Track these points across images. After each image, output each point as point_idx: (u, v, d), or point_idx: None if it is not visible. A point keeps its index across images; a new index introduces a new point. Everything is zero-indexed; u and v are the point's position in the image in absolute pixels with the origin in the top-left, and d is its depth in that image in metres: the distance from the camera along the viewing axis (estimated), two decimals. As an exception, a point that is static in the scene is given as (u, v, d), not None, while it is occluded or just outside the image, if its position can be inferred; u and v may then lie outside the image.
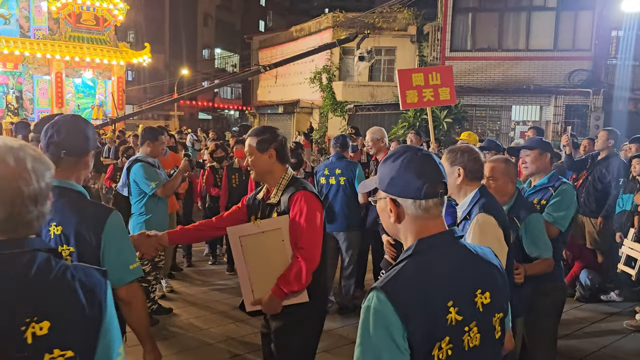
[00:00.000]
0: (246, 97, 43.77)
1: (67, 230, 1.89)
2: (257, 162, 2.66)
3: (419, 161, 1.46)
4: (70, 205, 1.94)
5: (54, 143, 1.96)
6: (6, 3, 18.80)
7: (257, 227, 2.63)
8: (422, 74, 5.46)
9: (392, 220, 1.50)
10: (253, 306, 2.65)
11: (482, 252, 1.54)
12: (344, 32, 21.06)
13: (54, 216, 1.84)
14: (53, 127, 1.98)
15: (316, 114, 24.31)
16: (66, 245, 1.89)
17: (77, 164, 2.02)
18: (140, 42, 30.44)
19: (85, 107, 20.18)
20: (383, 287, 1.35)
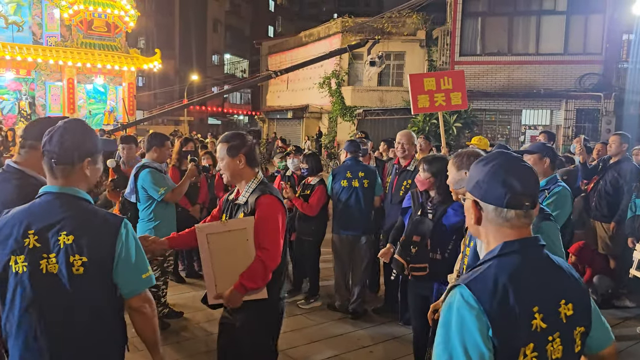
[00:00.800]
0: (255, 102, 43.98)
1: (78, 239, 1.81)
2: (228, 166, 2.81)
3: (508, 169, 1.45)
4: (80, 213, 1.87)
5: (46, 151, 1.88)
6: (19, 10, 19.06)
7: (224, 226, 2.80)
8: (434, 78, 5.46)
9: (472, 221, 1.51)
10: (215, 300, 2.80)
11: (565, 265, 1.52)
12: (353, 37, 21.10)
13: (64, 225, 1.81)
14: (48, 134, 1.90)
15: (325, 118, 24.34)
16: (78, 255, 1.80)
17: (72, 172, 1.89)
18: (151, 48, 30.69)
19: (96, 113, 20.38)
20: (467, 284, 1.35)
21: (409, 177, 4.88)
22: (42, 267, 1.78)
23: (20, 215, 1.84)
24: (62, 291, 1.79)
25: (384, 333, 4.81)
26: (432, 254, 3.36)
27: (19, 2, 19.07)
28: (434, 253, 3.35)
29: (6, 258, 1.79)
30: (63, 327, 1.81)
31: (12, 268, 1.78)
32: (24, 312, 1.79)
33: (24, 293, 1.79)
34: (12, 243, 1.80)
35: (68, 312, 1.81)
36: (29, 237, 1.79)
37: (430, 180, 3.45)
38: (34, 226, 1.80)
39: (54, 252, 1.79)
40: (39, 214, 1.83)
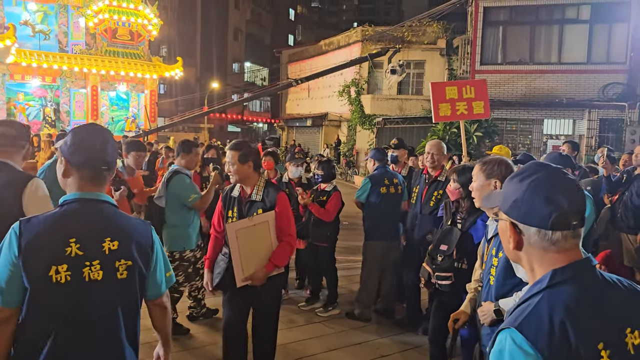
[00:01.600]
0: (275, 110, 44.25)
1: (123, 244, 1.83)
2: (238, 171, 3.39)
3: (551, 184, 1.26)
4: (119, 219, 1.88)
5: (94, 157, 1.88)
6: (46, 19, 19.53)
7: (250, 221, 3.38)
8: (456, 87, 5.43)
9: (511, 247, 1.31)
10: (243, 282, 3.36)
11: (623, 281, 1.30)
12: (373, 46, 21.16)
13: (106, 231, 1.81)
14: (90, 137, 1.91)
15: (344, 127, 24.39)
16: (123, 260, 1.83)
17: (107, 180, 1.93)
18: (173, 56, 31.13)
19: (118, 120, 20.72)
20: (519, 327, 1.16)
21: (439, 187, 4.81)
22: (85, 274, 1.75)
23: (56, 223, 1.77)
24: (105, 297, 1.80)
25: (404, 342, 4.77)
26: (457, 264, 3.33)
27: (45, 11, 19.54)
28: (460, 263, 3.32)
29: (45, 268, 1.71)
30: (103, 332, 1.81)
31: (52, 278, 1.70)
32: (61, 322, 1.74)
33: (62, 303, 1.73)
34: (51, 252, 1.72)
35: (110, 317, 1.83)
36: (70, 245, 1.74)
37: (460, 190, 3.43)
38: (75, 234, 1.76)
39: (98, 258, 1.78)
40: (78, 221, 1.80)
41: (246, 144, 3.52)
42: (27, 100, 19.13)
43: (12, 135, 2.71)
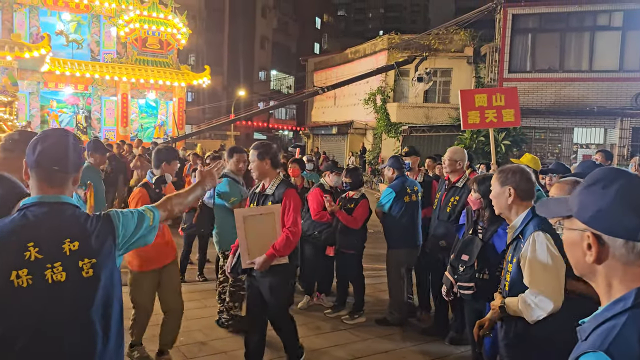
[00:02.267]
0: (300, 118, 44.48)
1: (84, 243, 1.82)
2: (257, 167, 3.86)
3: (638, 193, 1.17)
4: (78, 219, 1.87)
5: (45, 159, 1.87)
6: (79, 29, 20.08)
7: (257, 210, 3.82)
8: (486, 95, 5.40)
9: (590, 259, 1.20)
10: (248, 265, 3.77)
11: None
12: (399, 54, 21.12)
13: (65, 232, 1.81)
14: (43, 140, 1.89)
15: (370, 135, 24.35)
16: (87, 259, 1.81)
17: (66, 181, 1.90)
18: (201, 64, 31.60)
19: (147, 127, 21.10)
20: (607, 351, 1.07)
21: (457, 193, 4.84)
22: (47, 277, 1.73)
23: (14, 228, 1.76)
24: (72, 297, 1.77)
25: (430, 351, 4.72)
26: (479, 274, 3.31)
27: (79, 21, 20.09)
28: (482, 273, 3.29)
29: (6, 274, 1.69)
30: (73, 332, 1.79)
31: (13, 283, 1.69)
32: (24, 327, 1.71)
33: (24, 308, 1.71)
34: (9, 258, 1.71)
35: (81, 316, 1.80)
36: (29, 249, 1.73)
37: (480, 200, 3.42)
38: (34, 237, 1.75)
39: (59, 260, 1.76)
40: (36, 225, 1.78)
41: (266, 144, 3.93)
42: (60, 108, 19.65)
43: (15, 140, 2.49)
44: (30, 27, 18.97)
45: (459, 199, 4.77)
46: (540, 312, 2.43)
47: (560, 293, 2.44)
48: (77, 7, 19.60)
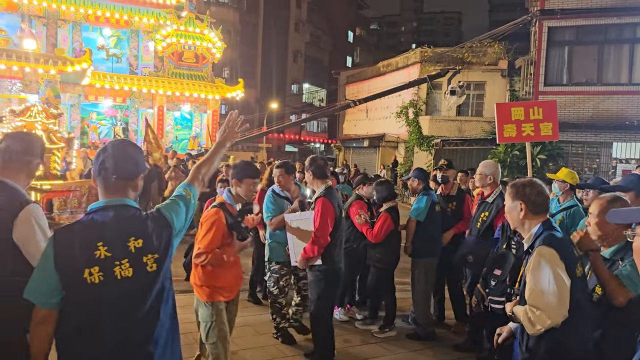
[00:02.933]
0: (332, 131, 44.59)
1: (147, 241, 2.01)
2: (307, 178, 4.47)
3: None
4: (139, 219, 2.06)
5: (105, 169, 2.05)
6: (119, 44, 20.76)
7: (298, 215, 4.52)
8: (523, 108, 5.36)
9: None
10: (294, 264, 4.42)
11: None
12: (432, 67, 21.02)
13: (130, 231, 1.99)
14: (104, 152, 2.08)
15: (401, 148, 24.23)
16: (150, 255, 2.00)
17: (127, 186, 2.09)
18: (234, 77, 32.15)
19: (182, 138, 21.53)
20: None
21: (487, 209, 4.86)
22: (116, 273, 1.93)
23: (85, 230, 1.96)
24: (139, 290, 1.96)
25: (462, 369, 4.65)
26: (510, 290, 3.27)
27: (119, 36, 20.78)
28: (514, 288, 3.25)
29: (79, 272, 1.88)
30: (141, 320, 1.96)
31: (86, 280, 1.88)
32: (99, 319, 1.90)
33: (98, 301, 1.90)
34: (82, 257, 1.90)
35: (148, 306, 1.97)
36: (99, 248, 1.92)
37: None
38: (102, 237, 1.94)
39: (126, 257, 1.95)
40: (104, 226, 1.97)
41: (312, 158, 4.52)
42: (99, 120, 20.27)
43: (16, 150, 2.50)
44: (73, 42, 19.70)
45: (489, 215, 4.78)
46: (539, 327, 2.42)
47: (560, 310, 2.41)
48: (118, 22, 20.27)
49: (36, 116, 10.84)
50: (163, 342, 2.02)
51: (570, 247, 2.61)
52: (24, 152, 2.50)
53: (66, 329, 1.91)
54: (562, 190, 4.91)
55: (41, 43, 18.15)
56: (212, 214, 3.56)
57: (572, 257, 2.53)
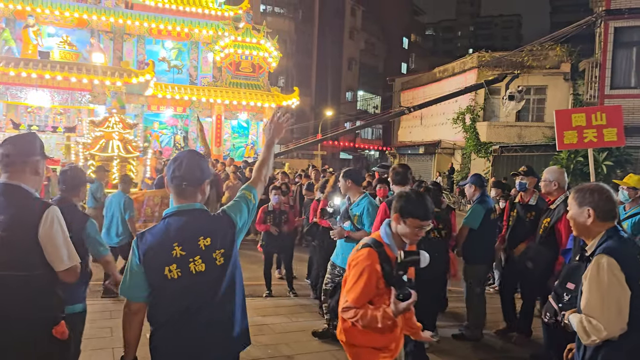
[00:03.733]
0: (386, 138, 44.36)
1: (214, 239, 2.26)
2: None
3: None
4: (207, 220, 2.31)
5: (176, 177, 2.27)
6: (180, 55, 21.57)
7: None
8: (584, 114, 5.16)
9: None
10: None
11: None
12: (490, 72, 20.53)
13: (200, 232, 2.24)
14: (175, 162, 2.31)
15: (458, 154, 23.77)
16: (218, 250, 2.25)
17: (195, 192, 2.31)
18: (290, 86, 32.61)
19: (239, 146, 22.02)
20: None
21: (549, 215, 4.75)
22: (191, 269, 2.19)
23: (162, 232, 2.23)
24: (212, 281, 2.22)
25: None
26: None
27: (180, 48, 21.59)
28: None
29: (160, 269, 2.17)
30: (216, 308, 2.23)
31: (167, 276, 2.16)
32: (181, 308, 2.18)
33: (179, 293, 2.18)
34: (162, 256, 2.18)
35: (222, 297, 2.24)
36: (175, 248, 2.19)
37: None
38: (177, 238, 2.20)
39: (198, 254, 2.21)
40: (178, 228, 2.23)
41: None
42: (161, 129, 21.08)
43: (10, 154, 2.49)
44: (138, 55, 20.63)
45: (550, 221, 4.69)
46: (593, 338, 2.33)
47: (617, 322, 2.29)
48: (179, 35, 21.07)
49: (113, 126, 11.37)
50: (240, 317, 2.33)
51: (636, 256, 2.48)
52: (18, 154, 2.50)
53: (158, 318, 2.22)
54: (631, 198, 4.67)
55: (108, 56, 19.10)
56: (363, 257, 2.60)
57: (637, 267, 2.40)
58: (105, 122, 11.36)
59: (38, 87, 16.64)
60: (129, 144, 11.56)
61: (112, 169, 11.09)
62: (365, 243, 2.70)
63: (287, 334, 5.28)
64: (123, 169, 11.45)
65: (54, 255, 2.41)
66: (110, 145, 11.33)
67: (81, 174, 3.91)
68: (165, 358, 2.23)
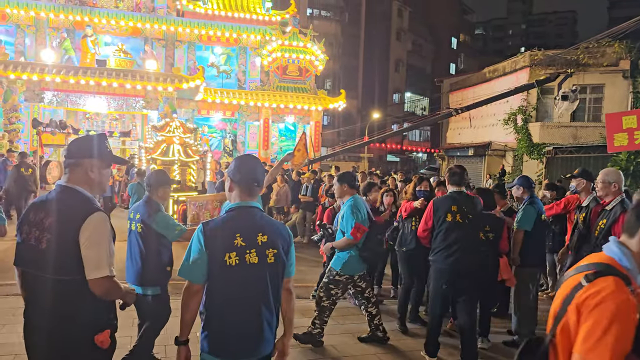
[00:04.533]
0: (435, 139, 43.73)
1: (271, 238, 2.49)
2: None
3: None
4: (267, 219, 2.57)
5: (251, 178, 2.56)
6: (228, 61, 22.05)
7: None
8: (636, 116, 5.03)
9: None
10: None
11: None
12: (543, 71, 19.88)
13: (258, 228, 2.48)
14: (245, 164, 2.60)
15: (509, 156, 23.12)
16: (271, 249, 2.48)
17: (258, 192, 2.63)
18: (336, 88, 32.69)
19: (286, 149, 22.21)
20: None
21: (605, 216, 4.62)
22: (246, 259, 2.41)
23: (226, 223, 2.47)
24: (260, 275, 2.45)
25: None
26: None
27: (228, 54, 22.07)
28: None
29: (222, 255, 2.38)
30: (260, 298, 2.46)
31: (226, 262, 2.38)
32: (233, 293, 2.41)
33: (234, 279, 2.40)
34: (224, 244, 2.40)
35: (264, 287, 2.46)
36: (237, 238, 2.41)
37: None
38: (239, 230, 2.44)
39: (254, 247, 2.43)
40: (240, 221, 2.48)
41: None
42: (211, 132, 21.58)
43: (67, 156, 2.56)
44: (188, 61, 21.22)
45: (606, 222, 4.56)
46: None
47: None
48: (228, 41, 21.53)
49: (174, 131, 11.40)
50: (278, 305, 2.58)
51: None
52: (78, 156, 2.53)
53: (213, 300, 2.43)
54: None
55: (160, 63, 19.75)
56: (611, 291, 1.65)
57: None
58: (166, 127, 11.46)
59: (96, 94, 17.39)
60: (189, 148, 11.66)
61: (172, 173, 11.25)
62: (603, 269, 1.73)
63: (333, 336, 5.27)
64: (184, 173, 11.62)
65: (85, 262, 2.35)
66: (171, 150, 11.46)
67: (163, 175, 4.41)
68: (217, 339, 2.43)
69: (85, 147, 2.57)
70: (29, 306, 2.48)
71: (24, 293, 2.50)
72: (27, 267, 2.46)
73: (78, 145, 2.58)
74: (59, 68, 16.79)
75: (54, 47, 19.20)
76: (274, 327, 2.53)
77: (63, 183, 2.52)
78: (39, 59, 17.80)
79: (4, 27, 19.59)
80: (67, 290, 2.36)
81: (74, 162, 2.52)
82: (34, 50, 19.31)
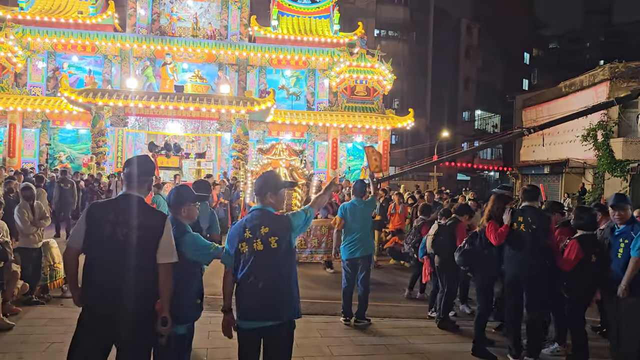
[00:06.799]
0: (507, 157, 42.32)
1: (272, 228, 3.27)
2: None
3: None
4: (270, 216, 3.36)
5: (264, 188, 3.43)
6: (298, 83, 22.61)
7: None
8: None
9: None
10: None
11: None
12: (625, 84, 18.87)
13: (262, 222, 3.29)
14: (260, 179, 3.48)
15: (589, 174, 21.98)
16: (273, 237, 3.25)
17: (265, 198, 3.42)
18: (404, 107, 32.51)
19: (354, 169, 22.35)
20: None
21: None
22: (254, 247, 3.25)
23: (242, 221, 3.38)
24: (267, 258, 3.23)
25: None
26: None
27: (297, 76, 22.64)
28: None
29: (237, 245, 3.28)
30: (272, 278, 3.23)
31: (240, 250, 3.28)
32: (248, 272, 3.22)
33: (247, 262, 3.24)
34: (239, 236, 3.30)
35: (274, 270, 3.23)
36: (246, 231, 3.29)
37: None
38: (248, 225, 3.30)
39: (259, 238, 3.24)
40: (251, 219, 3.34)
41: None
42: (281, 153, 22.06)
43: (134, 173, 3.19)
44: (259, 84, 21.99)
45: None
46: None
47: None
48: (297, 63, 22.13)
49: (280, 154, 10.88)
50: (294, 279, 3.35)
51: None
52: (146, 173, 3.26)
53: (238, 279, 3.28)
54: None
55: (233, 87, 20.61)
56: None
57: None
58: (272, 150, 10.98)
59: (174, 117, 18.35)
60: (295, 171, 10.96)
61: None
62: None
63: (402, 355, 5.22)
64: (289, 198, 10.72)
65: (167, 250, 3.11)
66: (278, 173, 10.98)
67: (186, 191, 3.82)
68: (243, 306, 3.25)
69: (151, 167, 3.34)
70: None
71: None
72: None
73: (145, 165, 3.31)
74: (141, 94, 17.92)
75: (137, 75, 20.56)
76: (285, 304, 3.23)
77: (128, 192, 3.26)
78: (123, 86, 19.10)
79: (94, 58, 21.24)
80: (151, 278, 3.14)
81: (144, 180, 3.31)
82: (119, 79, 20.78)
